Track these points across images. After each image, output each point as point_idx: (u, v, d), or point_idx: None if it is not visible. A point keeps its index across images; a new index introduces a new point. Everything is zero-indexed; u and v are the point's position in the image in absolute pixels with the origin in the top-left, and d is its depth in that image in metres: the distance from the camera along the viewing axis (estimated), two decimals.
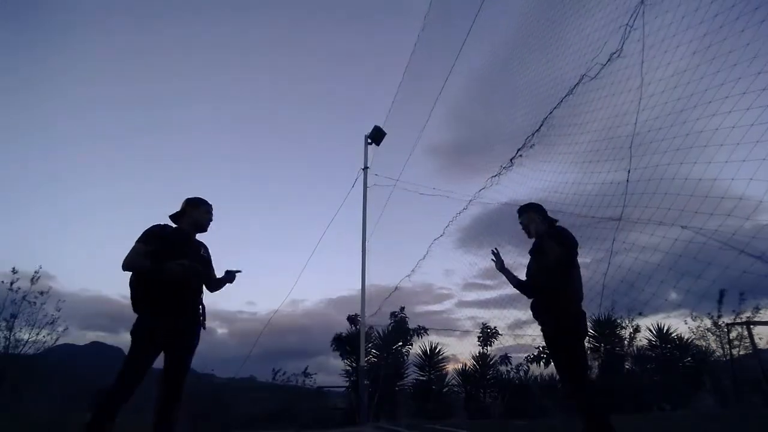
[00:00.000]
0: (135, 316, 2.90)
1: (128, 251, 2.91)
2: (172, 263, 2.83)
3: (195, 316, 3.07)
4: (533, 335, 10.48)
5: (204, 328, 3.11)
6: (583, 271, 3.48)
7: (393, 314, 12.16)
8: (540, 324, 3.31)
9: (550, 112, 5.05)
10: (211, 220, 3.37)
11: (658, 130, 3.59)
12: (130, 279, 2.93)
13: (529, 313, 3.42)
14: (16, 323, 7.89)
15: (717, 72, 3.13)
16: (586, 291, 3.62)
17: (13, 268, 8.05)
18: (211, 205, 3.39)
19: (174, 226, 3.22)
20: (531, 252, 3.46)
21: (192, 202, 3.31)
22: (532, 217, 3.43)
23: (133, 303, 2.91)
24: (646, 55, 3.70)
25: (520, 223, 3.54)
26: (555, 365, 3.32)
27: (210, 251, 3.40)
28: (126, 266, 2.88)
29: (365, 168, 9.85)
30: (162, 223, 3.18)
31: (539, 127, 5.25)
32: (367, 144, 10.03)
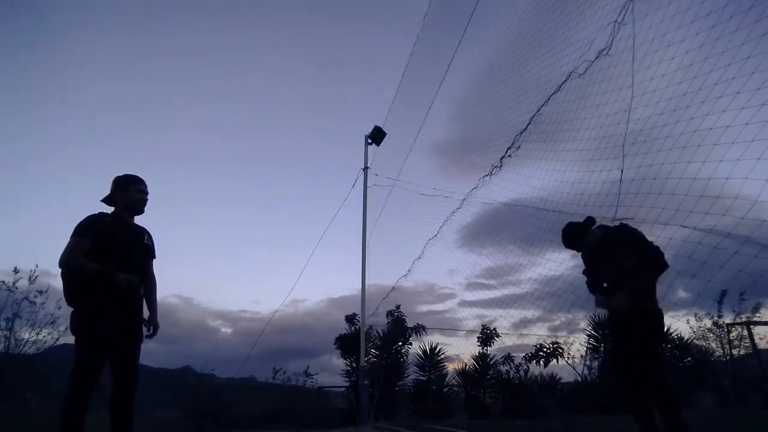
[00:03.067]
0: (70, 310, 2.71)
1: (66, 246, 2.68)
2: (121, 276, 2.62)
3: (136, 312, 2.88)
4: (538, 334, 10.50)
5: (146, 327, 2.93)
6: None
7: (390, 312, 12.19)
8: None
9: (538, 110, 5.05)
10: (145, 200, 2.98)
11: (651, 129, 3.59)
12: (63, 272, 2.73)
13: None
14: (17, 323, 7.92)
15: (710, 71, 3.14)
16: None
17: (15, 268, 8.07)
18: (142, 181, 2.98)
19: (110, 212, 2.92)
20: (598, 254, 3.27)
21: (118, 182, 2.93)
22: (589, 232, 3.27)
23: (69, 295, 2.71)
24: (636, 53, 3.71)
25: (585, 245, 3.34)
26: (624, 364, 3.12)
27: (153, 239, 3.10)
28: (64, 264, 2.68)
29: (365, 168, 9.87)
30: (99, 212, 2.88)
31: (526, 126, 5.25)
32: (367, 144, 10.05)
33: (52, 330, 8.14)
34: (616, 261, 3.09)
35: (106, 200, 2.95)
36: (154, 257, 3.11)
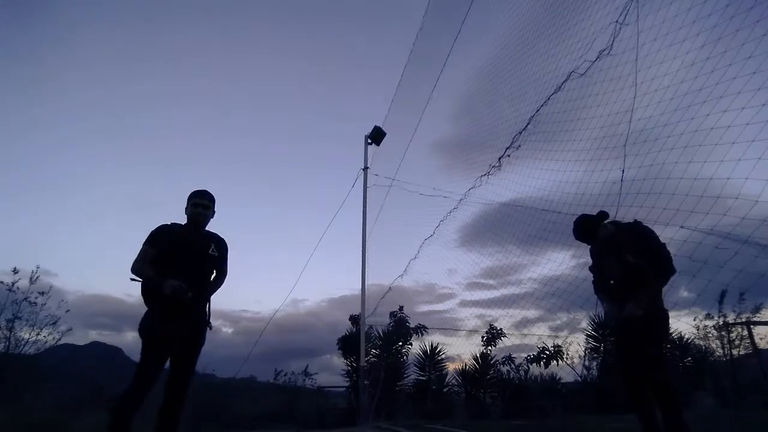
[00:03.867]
0: (143, 312, 2.89)
1: (137, 253, 2.92)
2: (168, 284, 2.74)
3: (201, 316, 3.02)
4: (539, 334, 10.50)
5: (210, 329, 3.07)
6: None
7: (392, 314, 12.18)
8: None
9: (537, 110, 5.05)
10: (203, 214, 3.10)
11: (652, 129, 3.59)
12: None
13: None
14: (17, 323, 7.90)
15: (712, 71, 3.14)
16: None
17: (15, 268, 8.05)
18: (199, 196, 3.11)
19: (184, 223, 3.13)
20: (607, 250, 3.23)
21: (189, 196, 3.13)
22: (602, 226, 3.26)
23: (143, 298, 2.91)
24: (637, 53, 3.70)
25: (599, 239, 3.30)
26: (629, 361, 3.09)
27: (227, 245, 3.24)
28: (132, 270, 2.90)
29: (365, 168, 9.86)
30: (169, 222, 3.11)
31: (526, 126, 5.25)
32: (367, 144, 10.05)
33: (52, 330, 8.13)
34: (624, 258, 3.05)
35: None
36: (220, 265, 3.21)
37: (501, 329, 11.46)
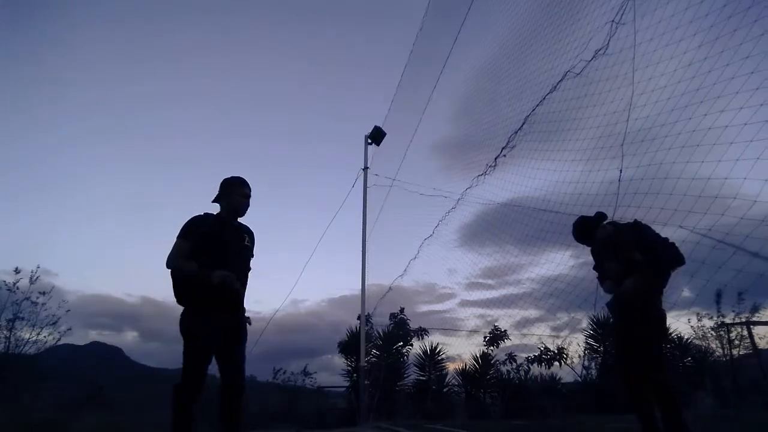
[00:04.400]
0: (178, 310, 2.82)
1: (171, 247, 2.80)
2: (217, 273, 2.66)
3: (239, 312, 2.94)
4: (540, 334, 10.49)
5: (249, 324, 2.99)
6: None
7: (393, 315, 12.17)
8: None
9: (533, 110, 5.05)
10: (247, 204, 3.06)
11: (649, 129, 3.59)
12: (171, 272, 2.83)
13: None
14: (18, 323, 7.91)
15: (709, 71, 3.14)
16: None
17: (16, 268, 8.06)
18: (247, 185, 3.05)
19: (215, 213, 3.02)
20: (606, 250, 3.25)
21: (226, 183, 3.03)
22: (600, 227, 3.27)
23: (176, 295, 2.83)
24: (634, 52, 3.70)
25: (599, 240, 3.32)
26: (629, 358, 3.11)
27: (254, 238, 3.15)
28: (169, 265, 2.79)
29: (365, 168, 9.87)
30: (203, 213, 3.00)
31: (521, 125, 5.25)
32: (367, 144, 10.05)
33: (52, 330, 8.14)
34: (624, 257, 3.05)
35: (216, 200, 3.04)
36: (252, 256, 3.14)
37: (505, 330, 11.46)
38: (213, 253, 2.79)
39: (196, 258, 2.77)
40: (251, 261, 3.12)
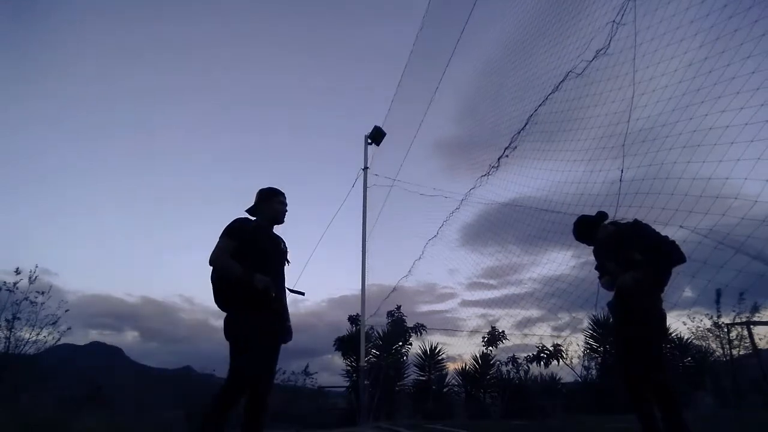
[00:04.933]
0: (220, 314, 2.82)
1: (215, 246, 2.82)
2: (259, 277, 2.70)
3: (282, 314, 2.99)
4: (541, 334, 10.49)
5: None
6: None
7: (390, 313, 12.18)
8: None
9: (535, 110, 5.05)
10: (285, 211, 3.17)
11: (651, 129, 3.59)
12: (213, 275, 2.85)
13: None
14: (17, 323, 7.90)
15: (710, 71, 3.14)
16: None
17: (17, 269, 8.05)
18: (284, 194, 3.18)
19: (253, 219, 3.08)
20: (606, 250, 3.24)
21: (264, 193, 3.13)
22: (601, 227, 3.26)
23: (219, 298, 2.83)
24: (635, 52, 3.70)
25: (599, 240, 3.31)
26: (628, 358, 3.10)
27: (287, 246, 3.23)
28: (213, 263, 2.80)
29: (365, 168, 9.87)
30: (243, 217, 3.04)
31: (524, 126, 5.25)
32: (367, 144, 10.05)
33: (52, 330, 8.12)
34: (625, 257, 3.05)
35: (250, 211, 3.12)
36: (289, 263, 3.20)
37: (503, 332, 11.47)
38: (253, 258, 2.81)
39: (238, 259, 2.78)
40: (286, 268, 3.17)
